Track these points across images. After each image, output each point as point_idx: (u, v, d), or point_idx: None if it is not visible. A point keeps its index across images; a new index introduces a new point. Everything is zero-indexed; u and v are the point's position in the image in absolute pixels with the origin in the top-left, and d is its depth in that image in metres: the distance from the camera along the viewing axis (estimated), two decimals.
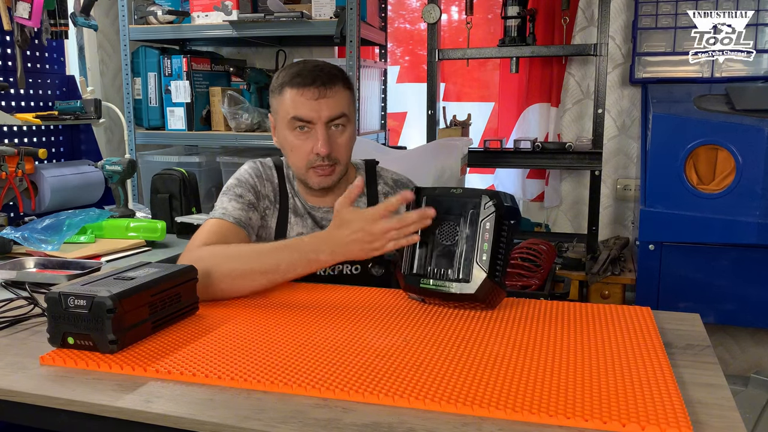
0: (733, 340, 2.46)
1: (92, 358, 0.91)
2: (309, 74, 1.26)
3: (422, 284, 1.12)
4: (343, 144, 1.31)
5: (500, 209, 1.08)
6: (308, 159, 1.29)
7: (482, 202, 1.09)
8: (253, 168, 1.40)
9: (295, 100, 1.26)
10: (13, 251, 1.65)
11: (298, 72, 1.27)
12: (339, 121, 1.29)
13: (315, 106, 1.26)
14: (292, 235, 1.37)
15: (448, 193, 1.13)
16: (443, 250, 1.12)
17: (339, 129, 1.30)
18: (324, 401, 0.79)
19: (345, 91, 1.30)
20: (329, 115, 1.27)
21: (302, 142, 1.29)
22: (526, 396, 0.78)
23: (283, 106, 1.29)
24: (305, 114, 1.26)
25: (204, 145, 2.71)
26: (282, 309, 1.12)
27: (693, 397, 0.80)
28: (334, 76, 1.28)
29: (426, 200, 1.14)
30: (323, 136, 1.27)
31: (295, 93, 1.26)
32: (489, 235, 1.07)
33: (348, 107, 1.31)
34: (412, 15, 2.99)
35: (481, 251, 1.08)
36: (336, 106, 1.27)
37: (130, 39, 2.54)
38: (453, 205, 1.12)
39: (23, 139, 2.24)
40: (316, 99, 1.26)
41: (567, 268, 2.30)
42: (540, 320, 1.07)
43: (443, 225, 1.12)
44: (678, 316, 1.12)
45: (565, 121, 2.70)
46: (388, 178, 1.45)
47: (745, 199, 1.92)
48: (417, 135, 2.96)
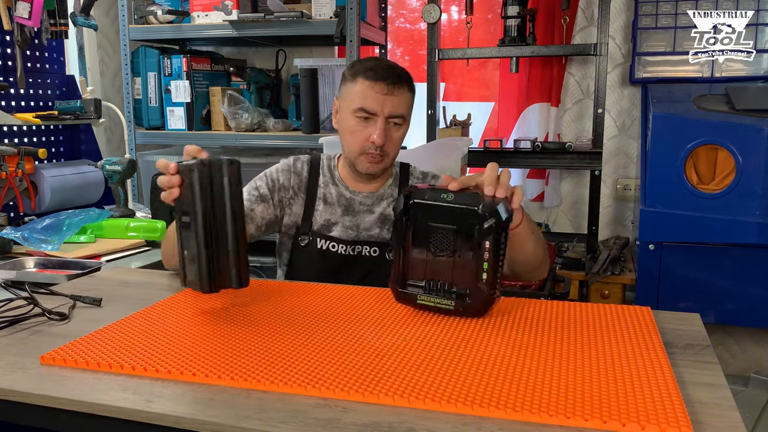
0: (733, 340, 2.46)
1: (92, 358, 0.91)
2: (382, 71, 1.37)
3: (419, 300, 1.09)
4: (396, 139, 1.42)
5: (499, 226, 1.02)
6: (363, 145, 1.40)
7: (480, 217, 1.01)
8: (285, 162, 1.54)
9: (365, 91, 1.37)
10: (13, 251, 1.65)
11: (373, 67, 1.38)
12: (398, 120, 1.40)
13: (381, 100, 1.37)
14: (319, 221, 1.49)
15: (440, 199, 1.06)
16: (438, 264, 1.07)
17: (396, 126, 1.41)
18: (324, 401, 0.79)
19: (409, 93, 1.42)
20: (391, 111, 1.38)
21: (362, 129, 1.40)
22: (526, 396, 0.78)
23: (352, 94, 1.40)
24: (371, 106, 1.37)
25: (204, 145, 2.66)
26: (282, 309, 1.12)
27: (693, 397, 0.80)
28: (403, 78, 1.40)
29: (415, 206, 1.08)
30: (382, 128, 1.38)
31: (367, 85, 1.37)
32: (489, 255, 1.02)
33: (408, 109, 1.43)
34: (412, 15, 2.99)
35: (481, 270, 1.03)
36: (399, 105, 1.39)
37: (130, 39, 2.54)
38: (445, 214, 1.05)
39: (23, 139, 2.24)
40: (384, 94, 1.37)
41: (567, 268, 2.30)
42: (540, 320, 1.07)
43: (436, 234, 1.07)
44: (678, 316, 1.11)
45: (565, 121, 2.70)
46: (417, 172, 1.57)
47: (745, 199, 1.92)
48: (417, 135, 2.95)
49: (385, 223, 1.49)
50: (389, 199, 1.51)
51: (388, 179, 1.52)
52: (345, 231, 1.48)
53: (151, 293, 1.27)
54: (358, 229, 1.48)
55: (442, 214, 1.06)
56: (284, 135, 2.48)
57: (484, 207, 1.02)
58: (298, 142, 2.41)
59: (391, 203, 1.49)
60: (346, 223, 1.48)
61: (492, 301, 1.06)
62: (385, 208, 1.49)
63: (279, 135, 2.48)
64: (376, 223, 1.49)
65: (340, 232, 1.47)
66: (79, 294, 1.22)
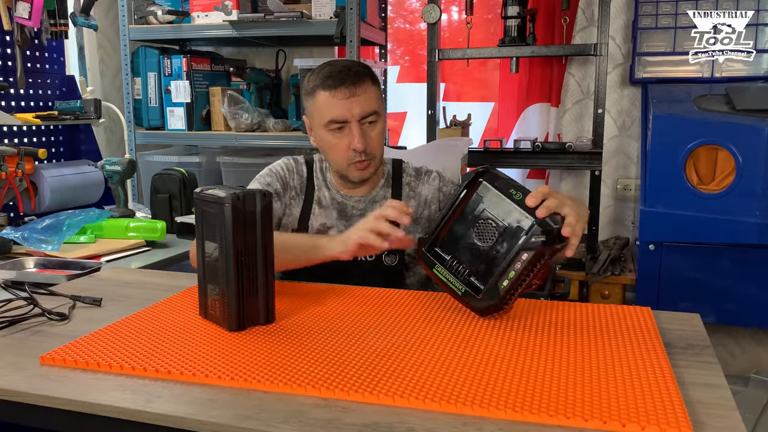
0: (733, 340, 2.46)
1: (92, 358, 0.91)
2: (339, 75, 1.33)
3: (435, 270, 1.09)
4: (376, 137, 1.38)
5: (546, 245, 1.00)
6: (347, 156, 1.37)
7: (532, 230, 1.00)
8: (286, 162, 1.51)
9: (328, 102, 1.33)
10: (13, 251, 1.65)
11: (329, 74, 1.34)
12: (371, 118, 1.36)
13: (347, 106, 1.33)
14: (315, 225, 1.46)
15: (508, 194, 1.05)
16: (472, 247, 1.07)
17: (371, 125, 1.37)
18: (324, 401, 0.79)
19: (373, 86, 1.37)
20: (361, 112, 1.34)
21: (339, 140, 1.36)
22: (526, 396, 0.78)
23: (317, 109, 1.36)
24: (339, 115, 1.33)
25: (204, 145, 2.71)
26: (281, 309, 1.12)
27: (693, 397, 0.80)
28: (363, 74, 1.35)
29: (482, 187, 1.07)
30: (358, 132, 1.34)
31: (328, 95, 1.33)
32: (520, 266, 1.01)
33: (377, 102, 1.37)
34: (412, 15, 2.99)
35: (505, 275, 1.02)
36: (367, 103, 1.34)
37: (130, 39, 2.54)
38: (504, 208, 1.05)
39: (23, 139, 2.24)
40: (347, 99, 1.32)
41: (567, 268, 2.29)
42: (540, 320, 1.07)
43: (486, 223, 1.06)
44: (678, 316, 1.11)
45: (565, 121, 2.70)
46: (410, 169, 1.53)
47: (745, 199, 1.92)
48: (417, 135, 2.96)
49: None
50: (382, 202, 1.46)
51: (380, 181, 1.49)
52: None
53: (151, 293, 1.27)
54: None
55: (501, 206, 1.05)
56: (284, 135, 2.48)
57: (543, 224, 1.00)
58: (298, 142, 2.41)
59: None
60: (341, 228, 1.44)
61: (498, 309, 1.05)
62: None
63: (279, 135, 2.48)
64: None
65: None
66: (79, 294, 1.22)
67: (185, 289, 1.27)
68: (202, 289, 1.07)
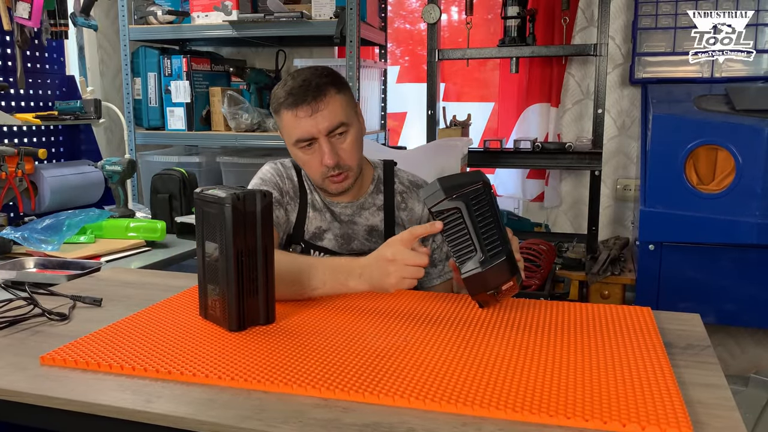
0: (733, 340, 2.46)
1: (92, 358, 0.91)
2: (298, 92, 1.26)
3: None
4: (348, 149, 1.31)
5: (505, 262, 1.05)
6: (321, 171, 1.32)
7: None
8: (274, 168, 1.44)
9: (293, 122, 1.28)
10: (13, 251, 1.65)
11: (290, 91, 1.28)
12: (339, 130, 1.29)
13: (312, 123, 1.27)
14: (311, 229, 1.41)
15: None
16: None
17: (341, 137, 1.30)
18: (324, 401, 0.79)
19: (337, 96, 1.29)
20: (328, 126, 1.27)
21: (311, 157, 1.31)
22: (526, 396, 0.78)
23: (284, 128, 1.32)
24: (305, 133, 1.28)
25: (204, 145, 2.71)
26: (282, 309, 1.12)
27: (693, 397, 0.80)
28: (323, 86, 1.27)
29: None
30: (328, 148, 1.28)
31: (291, 115, 1.28)
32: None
33: (344, 113, 1.30)
34: (412, 15, 2.99)
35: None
36: (332, 116, 1.27)
37: (130, 39, 2.54)
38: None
39: (23, 139, 2.24)
40: (311, 116, 1.26)
41: (567, 268, 2.30)
42: (540, 321, 1.07)
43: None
44: (678, 317, 1.12)
45: (565, 121, 2.70)
46: (404, 178, 1.48)
47: (745, 199, 1.92)
48: (417, 135, 2.96)
49: (373, 235, 1.41)
50: (371, 209, 1.42)
51: (368, 187, 1.43)
52: (336, 242, 1.41)
53: (151, 293, 1.27)
54: (350, 241, 1.41)
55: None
56: None
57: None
58: None
59: (375, 213, 1.42)
60: (336, 231, 1.41)
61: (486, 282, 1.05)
62: (369, 219, 1.42)
63: (279, 135, 2.48)
64: (364, 235, 1.41)
65: (332, 244, 1.41)
66: (79, 294, 1.22)
67: (185, 290, 1.27)
68: (202, 289, 1.07)
